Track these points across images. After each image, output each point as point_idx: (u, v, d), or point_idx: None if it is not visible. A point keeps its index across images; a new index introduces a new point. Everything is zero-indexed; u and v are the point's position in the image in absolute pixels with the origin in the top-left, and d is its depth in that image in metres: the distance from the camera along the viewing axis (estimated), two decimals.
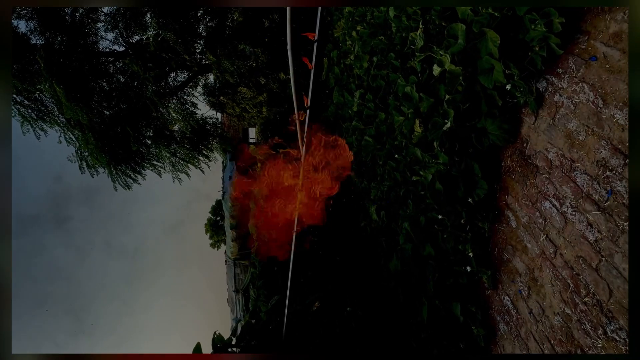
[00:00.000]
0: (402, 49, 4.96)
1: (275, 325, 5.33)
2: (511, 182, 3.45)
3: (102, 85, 11.05)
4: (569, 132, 2.77)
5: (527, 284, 3.22)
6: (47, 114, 10.70)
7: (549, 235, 2.97)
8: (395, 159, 5.27)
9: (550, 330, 2.95)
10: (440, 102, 3.98)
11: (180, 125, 12.59)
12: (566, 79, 2.79)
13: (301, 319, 5.29)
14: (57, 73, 9.51)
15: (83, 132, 10.52)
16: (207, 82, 12.86)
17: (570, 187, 2.76)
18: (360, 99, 6.32)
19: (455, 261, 4.03)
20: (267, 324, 5.40)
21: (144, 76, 10.77)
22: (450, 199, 3.92)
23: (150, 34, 11.20)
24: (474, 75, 3.46)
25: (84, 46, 10.59)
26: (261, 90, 11.70)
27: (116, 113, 11.13)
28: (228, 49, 10.83)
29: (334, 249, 7.39)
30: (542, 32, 2.80)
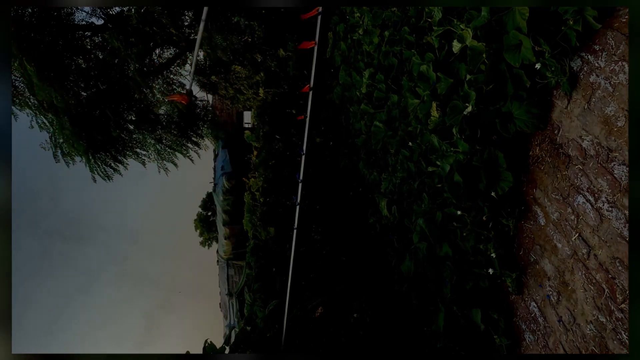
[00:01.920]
0: (418, 22, 4.93)
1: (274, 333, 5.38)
2: (540, 174, 3.44)
3: (78, 63, 11.05)
4: (607, 118, 2.76)
5: (557, 289, 3.23)
6: (16, 95, 10.72)
7: (582, 234, 2.97)
8: (409, 147, 5.26)
9: (582, 341, 2.97)
10: (460, 82, 3.96)
11: (166, 109, 12.61)
12: (604, 57, 2.77)
13: (302, 326, 5.34)
14: (27, 49, 9.51)
15: (57, 116, 10.55)
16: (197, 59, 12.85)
17: (607, 179, 2.75)
18: (369, 79, 6.30)
19: (476, 262, 4.04)
20: (265, 331, 5.45)
21: (126, 53, 10.75)
22: (471, 193, 3.92)
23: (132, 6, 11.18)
24: (499, 52, 3.44)
25: (58, 19, 10.57)
26: (257, 69, 11.67)
27: (94, 94, 11.15)
28: (220, 22, 10.80)
29: (340, 248, 7.42)
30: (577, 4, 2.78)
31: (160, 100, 12.37)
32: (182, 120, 12.65)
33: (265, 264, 8.35)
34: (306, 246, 7.49)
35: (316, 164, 8.48)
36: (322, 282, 6.79)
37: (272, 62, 11.33)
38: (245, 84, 12.11)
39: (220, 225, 18.57)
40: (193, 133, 13.06)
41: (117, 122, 11.44)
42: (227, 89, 12.45)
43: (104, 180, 12.13)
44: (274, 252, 8.55)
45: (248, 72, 11.77)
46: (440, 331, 4.33)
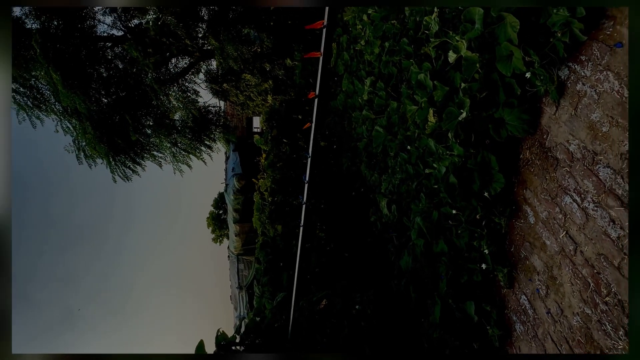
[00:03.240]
0: (416, 34, 4.94)
1: (281, 324, 5.40)
2: (530, 176, 3.45)
3: (100, 72, 11.14)
4: (592, 123, 2.77)
5: (545, 283, 3.24)
6: (43, 101, 10.83)
7: (569, 232, 2.98)
8: (408, 150, 5.27)
9: (569, 331, 2.98)
10: (455, 90, 3.97)
11: (181, 114, 12.67)
12: (590, 66, 2.78)
13: (308, 317, 5.36)
14: (53, 59, 9.59)
15: (80, 121, 10.64)
16: (209, 68, 12.90)
17: (592, 181, 2.76)
18: (370, 87, 6.31)
19: (470, 258, 4.05)
20: (273, 322, 5.47)
21: (144, 62, 10.82)
22: (465, 193, 3.93)
23: (150, 17, 11.23)
24: (492, 62, 3.45)
25: (81, 30, 10.66)
26: (266, 77, 11.71)
27: (115, 101, 11.23)
28: (232, 33, 10.83)
29: (343, 245, 7.44)
30: (564, 17, 2.78)
31: (175, 106, 12.43)
32: (196, 125, 12.70)
33: (273, 259, 8.37)
34: (311, 243, 7.51)
35: (321, 166, 8.50)
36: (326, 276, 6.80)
37: (280, 70, 11.37)
38: (254, 91, 12.15)
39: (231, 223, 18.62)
40: (206, 137, 13.12)
41: (135, 126, 11.50)
42: (238, 96, 12.50)
43: (123, 180, 12.21)
44: (281, 248, 8.57)
45: (257, 80, 11.82)
46: (436, 322, 4.34)
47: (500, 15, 3.21)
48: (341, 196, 8.05)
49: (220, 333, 5.00)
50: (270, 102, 11.68)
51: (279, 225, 9.18)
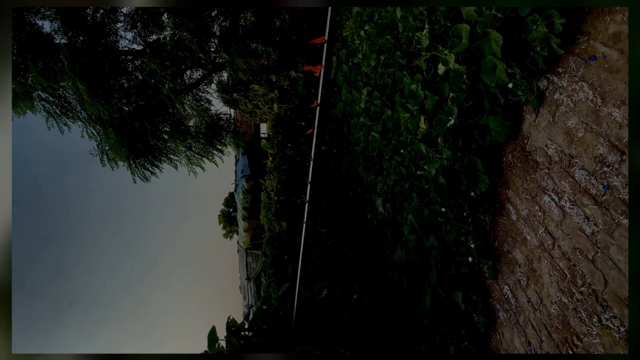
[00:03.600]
0: (409, 48, 4.95)
1: (286, 312, 5.40)
2: (512, 177, 3.46)
3: (121, 83, 11.16)
4: (568, 129, 2.77)
5: (526, 274, 3.24)
6: (70, 109, 10.86)
7: (548, 228, 2.99)
8: (401, 154, 5.28)
9: (548, 318, 2.98)
10: (444, 99, 3.98)
11: (195, 121, 12.68)
12: (566, 78, 2.79)
13: (310, 305, 5.36)
14: (79, 71, 9.63)
15: (104, 127, 10.66)
16: (220, 79, 12.91)
17: (569, 182, 2.77)
18: (367, 97, 6.32)
19: (457, 252, 4.05)
20: (278, 310, 5.47)
21: (161, 74, 10.84)
22: (453, 193, 3.94)
23: (167, 33, 11.26)
24: (477, 74, 3.46)
25: (105, 45, 10.69)
26: (272, 88, 11.73)
27: (135, 109, 11.25)
28: (241, 47, 10.86)
29: (342, 240, 7.44)
30: (543, 33, 2.79)
31: (190, 114, 12.45)
32: (208, 131, 12.71)
33: (278, 253, 8.37)
34: (313, 238, 7.50)
35: (322, 168, 8.50)
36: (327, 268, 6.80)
37: (285, 81, 11.39)
38: (262, 100, 12.17)
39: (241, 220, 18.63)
40: (218, 142, 13.11)
41: (153, 132, 11.51)
42: (247, 104, 12.52)
43: (142, 181, 12.21)
44: (286, 242, 8.57)
45: (264, 90, 11.83)
46: (427, 311, 4.34)
47: (485, 32, 3.22)
48: (340, 196, 8.05)
49: (231, 320, 5.00)
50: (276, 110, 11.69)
51: (284, 222, 9.19)
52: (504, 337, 3.56)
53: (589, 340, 2.57)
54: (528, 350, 3.22)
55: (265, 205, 10.54)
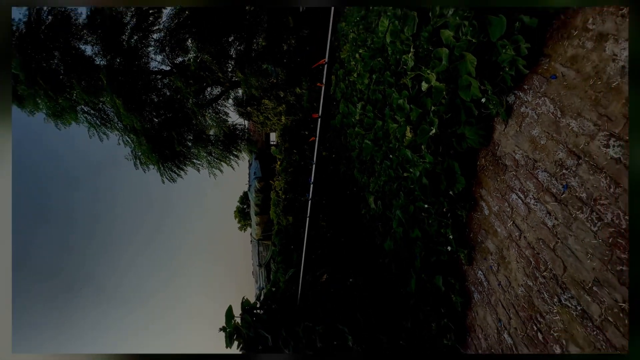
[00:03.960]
0: (396, 68, 4.96)
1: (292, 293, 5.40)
2: (485, 178, 3.46)
3: (152, 98, 11.20)
4: (533, 138, 2.78)
5: (497, 261, 3.24)
6: (108, 121, 10.90)
7: (515, 222, 2.99)
8: (390, 158, 5.28)
9: (515, 299, 2.98)
10: (427, 112, 3.99)
11: (215, 131, 12.71)
12: (531, 93, 2.79)
13: (312, 288, 5.36)
14: (116, 88, 9.67)
15: (137, 136, 10.69)
16: (236, 95, 12.94)
17: (533, 182, 2.77)
18: (361, 110, 6.33)
19: (438, 242, 4.05)
20: (285, 291, 5.47)
21: (186, 90, 10.89)
22: (435, 192, 3.94)
23: (191, 56, 11.30)
24: (455, 90, 3.47)
25: (138, 66, 10.73)
26: (280, 102, 11.74)
27: (163, 120, 11.28)
28: (254, 68, 10.89)
29: (340, 232, 7.44)
30: (511, 55, 2.80)
31: (210, 124, 12.47)
32: (226, 139, 12.74)
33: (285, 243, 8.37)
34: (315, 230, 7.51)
35: (323, 171, 8.51)
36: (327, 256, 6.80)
37: (291, 97, 11.40)
38: (271, 113, 12.18)
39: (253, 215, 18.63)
40: (234, 148, 13.13)
41: (179, 140, 11.55)
42: (259, 117, 12.53)
43: (170, 182, 12.24)
44: (292, 234, 8.58)
45: (274, 105, 11.85)
46: (412, 292, 4.35)
47: (462, 54, 3.22)
48: (338, 194, 8.06)
49: (245, 300, 5.00)
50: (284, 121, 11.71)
51: (290, 217, 9.20)
52: (478, 315, 3.56)
53: (551, 317, 2.57)
54: (498, 326, 3.22)
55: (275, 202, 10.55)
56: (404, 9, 4.36)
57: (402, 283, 4.72)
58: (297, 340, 4.35)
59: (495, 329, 3.27)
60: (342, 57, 7.83)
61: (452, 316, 3.83)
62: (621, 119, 2.06)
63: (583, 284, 2.29)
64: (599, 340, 2.17)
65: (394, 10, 4.79)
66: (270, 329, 4.48)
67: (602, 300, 2.15)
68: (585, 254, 2.28)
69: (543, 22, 2.62)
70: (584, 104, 2.29)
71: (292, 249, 8.01)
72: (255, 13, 11.16)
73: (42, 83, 9.47)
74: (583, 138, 2.30)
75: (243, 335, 4.59)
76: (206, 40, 10.63)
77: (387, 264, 5.27)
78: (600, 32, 2.20)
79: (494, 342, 3.30)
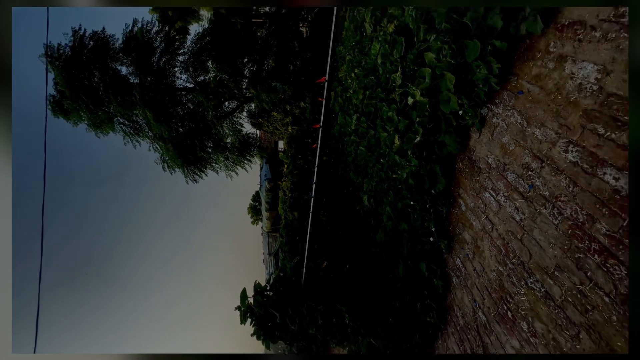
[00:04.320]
0: (387, 85, 4.97)
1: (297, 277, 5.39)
2: (462, 179, 3.46)
3: (177, 111, 11.23)
4: (503, 144, 2.78)
5: (473, 250, 3.24)
6: (141, 130, 10.93)
7: (488, 216, 2.99)
8: (381, 162, 5.29)
9: (488, 282, 2.98)
10: (412, 123, 4.00)
11: (231, 139, 12.73)
12: (501, 107, 2.80)
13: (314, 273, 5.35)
14: (148, 102, 9.70)
15: (165, 143, 10.72)
16: (250, 108, 12.97)
17: (503, 182, 2.77)
18: (356, 121, 6.34)
19: (422, 234, 4.05)
20: (291, 276, 5.47)
21: (207, 104, 10.91)
22: (419, 191, 3.94)
23: (211, 75, 11.33)
24: (437, 104, 3.48)
25: (166, 84, 10.77)
26: (287, 114, 11.76)
27: (187, 130, 11.31)
28: (264, 85, 10.91)
29: (338, 226, 7.43)
30: (484, 74, 2.81)
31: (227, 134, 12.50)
32: (240, 146, 12.76)
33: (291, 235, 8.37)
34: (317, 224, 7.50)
35: (323, 173, 8.51)
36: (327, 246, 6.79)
37: (296, 110, 11.42)
38: (279, 123, 12.20)
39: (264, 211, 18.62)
40: (247, 154, 13.15)
41: (201, 147, 11.57)
42: (269, 127, 12.55)
43: (192, 182, 12.25)
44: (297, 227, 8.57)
45: (281, 116, 11.87)
46: (400, 277, 4.34)
47: (442, 73, 3.23)
48: (337, 193, 8.06)
49: (257, 283, 5.00)
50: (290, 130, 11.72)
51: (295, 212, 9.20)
52: (456, 296, 3.56)
53: (518, 298, 2.57)
54: (474, 305, 3.21)
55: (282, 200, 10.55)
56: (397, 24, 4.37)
57: (391, 269, 4.71)
58: (302, 317, 4.34)
59: (471, 309, 3.27)
60: (340, 76, 7.84)
61: (434, 297, 3.83)
62: (578, 128, 2.06)
63: (546, 269, 2.29)
64: (560, 317, 2.17)
65: (384, 36, 4.80)
66: (278, 308, 4.48)
67: (563, 283, 2.15)
68: (548, 243, 2.28)
69: (512, 45, 2.63)
70: (547, 115, 2.30)
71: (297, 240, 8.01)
72: (266, 39, 11.19)
73: (85, 98, 9.51)
74: (546, 144, 2.31)
75: (255, 313, 4.59)
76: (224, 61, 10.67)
77: (378, 253, 5.26)
78: (560, 54, 2.20)
79: (470, 319, 3.29)
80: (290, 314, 4.34)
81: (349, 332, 4.20)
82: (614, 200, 1.84)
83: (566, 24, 2.16)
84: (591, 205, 1.96)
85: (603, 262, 1.89)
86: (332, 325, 4.26)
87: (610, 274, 1.84)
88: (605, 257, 1.87)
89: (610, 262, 1.85)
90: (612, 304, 1.83)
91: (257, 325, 4.53)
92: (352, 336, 4.25)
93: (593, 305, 1.94)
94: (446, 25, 3.11)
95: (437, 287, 3.77)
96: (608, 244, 1.86)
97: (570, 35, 2.13)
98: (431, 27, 3.48)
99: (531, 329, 2.43)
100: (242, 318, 4.61)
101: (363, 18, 6.08)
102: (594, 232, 1.95)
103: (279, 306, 4.49)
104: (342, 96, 7.65)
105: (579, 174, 2.05)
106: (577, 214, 2.05)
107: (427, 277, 3.89)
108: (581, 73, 2.04)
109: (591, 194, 1.97)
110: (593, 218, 1.95)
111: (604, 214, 1.88)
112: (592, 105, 1.97)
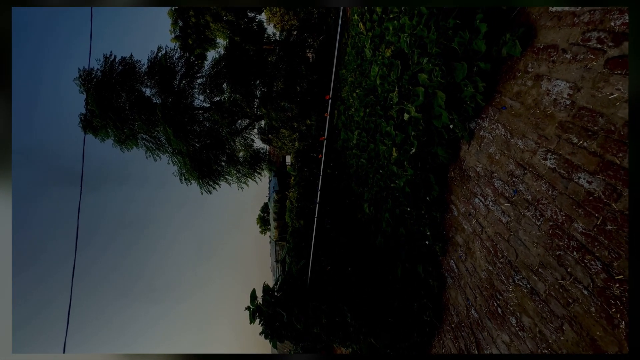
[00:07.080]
0: (385, 103, 5.10)
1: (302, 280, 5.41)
2: (454, 187, 3.53)
3: (194, 128, 11.52)
4: (490, 154, 2.87)
5: (465, 252, 3.27)
6: (161, 145, 11.19)
7: (478, 220, 3.04)
8: (380, 173, 5.37)
9: (479, 281, 2.99)
10: (408, 136, 4.09)
11: (243, 154, 12.95)
12: (487, 120, 2.90)
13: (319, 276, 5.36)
14: (168, 120, 9.98)
15: (183, 157, 10.94)
16: (260, 126, 13.24)
17: (491, 188, 2.84)
18: (358, 136, 6.46)
19: (419, 238, 4.08)
20: (297, 278, 5.48)
21: (221, 122, 11.18)
22: (415, 198, 4.00)
23: (225, 95, 11.66)
24: (430, 119, 3.58)
25: (185, 104, 11.09)
26: (294, 131, 11.98)
27: (203, 145, 11.55)
28: (274, 105, 11.18)
29: (341, 232, 7.45)
30: (472, 92, 2.92)
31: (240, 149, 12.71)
32: (251, 160, 12.95)
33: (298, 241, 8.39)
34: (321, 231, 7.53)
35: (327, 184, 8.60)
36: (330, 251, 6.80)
37: (303, 127, 11.63)
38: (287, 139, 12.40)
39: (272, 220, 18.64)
40: (257, 167, 13.32)
41: (215, 161, 11.77)
42: (277, 142, 12.75)
43: (206, 193, 12.39)
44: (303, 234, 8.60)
45: (289, 133, 12.08)
46: (398, 278, 4.34)
47: (435, 92, 3.36)
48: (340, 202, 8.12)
49: (266, 285, 5.03)
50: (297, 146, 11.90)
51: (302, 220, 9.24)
52: (451, 295, 3.56)
53: (507, 295, 2.59)
54: (467, 304, 3.22)
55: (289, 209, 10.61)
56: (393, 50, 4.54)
57: (390, 271, 4.71)
58: (307, 316, 4.35)
59: (465, 307, 3.27)
60: (343, 96, 8.04)
61: (430, 297, 3.82)
62: (555, 138, 2.15)
63: (531, 266, 2.33)
64: (545, 311, 2.20)
65: (382, 60, 4.98)
66: (285, 308, 4.50)
67: (546, 279, 2.19)
68: (532, 243, 2.33)
69: (495, 66, 2.76)
70: (527, 127, 2.40)
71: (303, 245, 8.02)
72: (276, 63, 11.54)
73: (112, 116, 9.83)
74: (527, 153, 2.39)
75: (264, 313, 4.61)
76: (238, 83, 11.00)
77: (378, 256, 5.27)
78: (537, 74, 2.32)
79: (464, 317, 3.29)
80: (296, 313, 4.35)
81: (350, 331, 4.19)
82: (588, 201, 1.91)
83: (541, 47, 2.29)
84: (568, 206, 2.03)
85: (581, 258, 1.94)
86: (335, 324, 4.26)
87: (588, 269, 1.89)
88: (583, 254, 1.93)
89: (587, 257, 1.90)
90: (590, 297, 1.87)
91: (265, 324, 4.53)
92: (353, 335, 4.23)
93: (574, 298, 1.98)
94: (437, 50, 3.26)
95: (433, 287, 3.77)
96: (585, 242, 1.92)
97: (545, 57, 2.25)
98: (424, 51, 3.63)
99: (519, 323, 2.44)
100: (251, 317, 4.62)
101: (363, 44, 6.31)
102: (572, 231, 2.01)
103: (285, 306, 4.51)
104: (344, 114, 7.81)
105: (557, 178, 2.12)
106: (557, 215, 2.12)
107: (423, 278, 3.90)
108: (555, 90, 2.15)
109: (568, 197, 2.04)
110: (571, 218, 2.02)
111: (580, 214, 1.95)
112: (566, 117, 2.07)
